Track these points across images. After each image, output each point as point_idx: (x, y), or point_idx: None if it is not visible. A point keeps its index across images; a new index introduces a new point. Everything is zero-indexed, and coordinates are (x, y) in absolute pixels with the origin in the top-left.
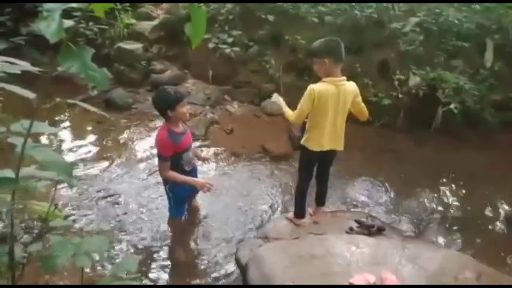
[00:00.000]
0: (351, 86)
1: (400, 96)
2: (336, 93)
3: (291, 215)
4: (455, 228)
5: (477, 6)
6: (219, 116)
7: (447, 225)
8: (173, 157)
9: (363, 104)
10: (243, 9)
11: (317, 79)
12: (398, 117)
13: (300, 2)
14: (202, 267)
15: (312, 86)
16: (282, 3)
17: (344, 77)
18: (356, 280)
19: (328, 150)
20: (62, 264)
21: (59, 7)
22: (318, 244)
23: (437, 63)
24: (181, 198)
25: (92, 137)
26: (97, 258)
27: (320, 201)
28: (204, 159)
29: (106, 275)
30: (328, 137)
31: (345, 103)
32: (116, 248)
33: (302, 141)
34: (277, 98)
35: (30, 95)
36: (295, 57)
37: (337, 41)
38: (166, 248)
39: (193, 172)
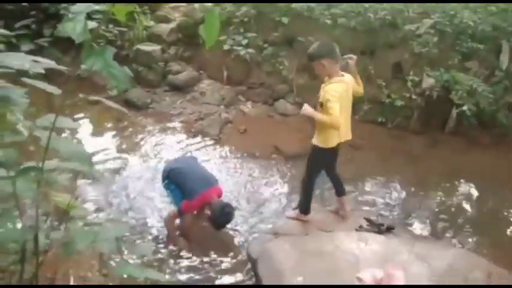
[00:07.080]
0: (349, 78)
1: (413, 97)
2: (346, 90)
3: (293, 213)
4: (467, 229)
5: (493, 7)
6: (233, 116)
7: (459, 226)
8: None
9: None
10: (258, 12)
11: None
12: (411, 118)
13: (314, 2)
14: (215, 256)
15: (334, 87)
16: (296, 5)
17: (343, 73)
18: (364, 275)
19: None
20: (82, 249)
21: (84, 9)
22: (327, 241)
23: (451, 64)
24: (177, 198)
25: (110, 134)
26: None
27: (342, 190)
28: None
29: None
30: (344, 130)
31: (350, 95)
32: (130, 237)
33: (316, 143)
34: (306, 110)
35: (56, 91)
36: None
37: (330, 42)
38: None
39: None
